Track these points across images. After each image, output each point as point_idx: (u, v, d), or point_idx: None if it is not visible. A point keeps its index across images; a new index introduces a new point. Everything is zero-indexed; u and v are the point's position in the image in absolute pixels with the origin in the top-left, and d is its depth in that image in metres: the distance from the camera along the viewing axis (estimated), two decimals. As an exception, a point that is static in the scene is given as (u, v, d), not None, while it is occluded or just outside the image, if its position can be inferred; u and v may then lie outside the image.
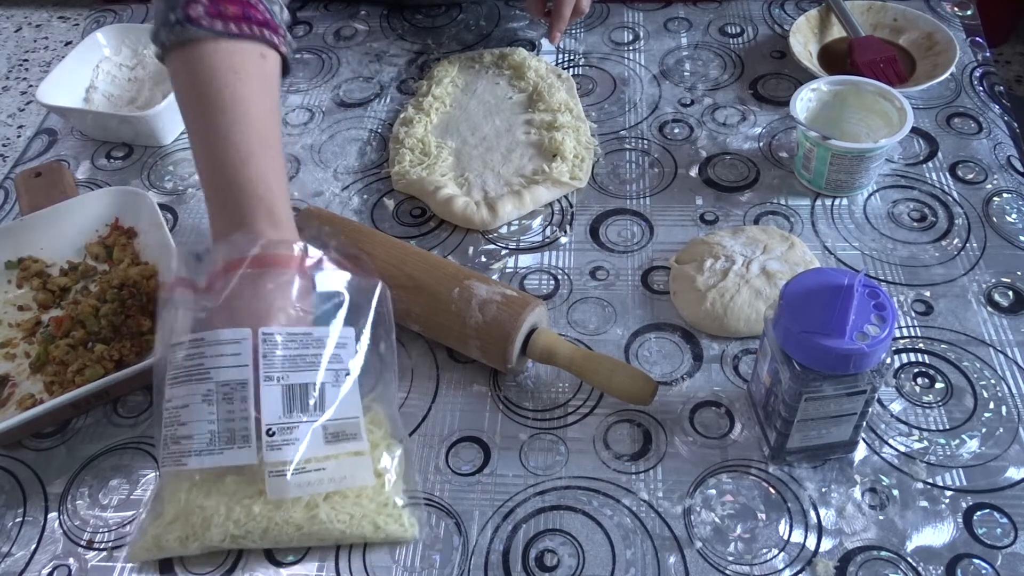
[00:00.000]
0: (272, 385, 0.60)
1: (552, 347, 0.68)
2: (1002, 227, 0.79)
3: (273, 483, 0.60)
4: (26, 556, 0.64)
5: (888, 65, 0.94)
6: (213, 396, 0.60)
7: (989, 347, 0.71)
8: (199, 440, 0.60)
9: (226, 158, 0.67)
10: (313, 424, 0.61)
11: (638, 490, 0.64)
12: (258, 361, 0.60)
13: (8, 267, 0.81)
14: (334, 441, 0.61)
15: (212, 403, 0.60)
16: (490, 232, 0.83)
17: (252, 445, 0.60)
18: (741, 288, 0.72)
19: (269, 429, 0.60)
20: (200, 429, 0.60)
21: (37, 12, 2.84)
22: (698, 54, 1.01)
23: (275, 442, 0.60)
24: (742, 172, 0.87)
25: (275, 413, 0.60)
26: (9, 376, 0.74)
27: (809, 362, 0.57)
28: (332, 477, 0.61)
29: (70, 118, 0.98)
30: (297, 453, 0.60)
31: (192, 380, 0.61)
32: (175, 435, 0.61)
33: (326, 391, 0.62)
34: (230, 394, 0.60)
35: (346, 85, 1.01)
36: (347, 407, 0.63)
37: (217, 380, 0.60)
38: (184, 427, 0.60)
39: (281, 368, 0.61)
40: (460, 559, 0.61)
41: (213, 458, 0.60)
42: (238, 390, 0.60)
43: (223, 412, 0.60)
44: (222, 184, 0.67)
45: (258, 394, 0.60)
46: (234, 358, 0.61)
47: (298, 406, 0.61)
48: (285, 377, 0.61)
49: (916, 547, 0.60)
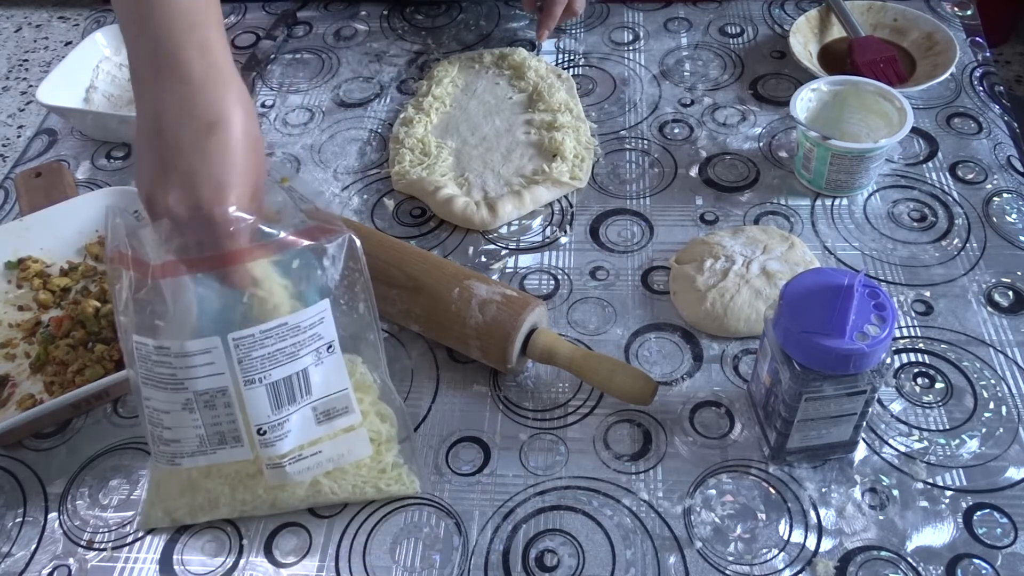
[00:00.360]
0: (255, 387, 0.58)
1: (552, 347, 0.68)
2: (1002, 227, 0.79)
3: (272, 474, 0.61)
4: (26, 556, 0.64)
5: (888, 65, 0.94)
6: (193, 404, 0.59)
7: (989, 347, 0.71)
8: (188, 444, 0.60)
9: (160, 25, 0.59)
10: (302, 408, 0.60)
11: (638, 490, 0.64)
12: (235, 366, 0.58)
13: (8, 267, 0.81)
14: (326, 420, 0.61)
15: (194, 411, 0.59)
16: (490, 232, 0.83)
17: (244, 444, 0.60)
18: (741, 288, 0.72)
19: (260, 428, 0.59)
20: (187, 434, 0.60)
21: (37, 12, 2.84)
22: (698, 54, 1.01)
23: (268, 439, 0.60)
24: (742, 172, 0.87)
25: (263, 413, 0.59)
26: (9, 376, 0.74)
27: (809, 362, 0.57)
28: (330, 457, 0.62)
29: (70, 118, 0.98)
30: (291, 444, 0.60)
31: (168, 388, 0.59)
32: (162, 437, 0.60)
33: (310, 373, 0.60)
34: (211, 401, 0.59)
35: (346, 85, 1.01)
36: (333, 381, 0.61)
37: (194, 390, 0.58)
38: (170, 431, 0.60)
39: (261, 368, 0.58)
40: (460, 559, 0.61)
41: (207, 458, 0.60)
42: (219, 397, 0.59)
43: (208, 417, 0.59)
44: (148, 33, 0.59)
45: (241, 398, 0.58)
46: (207, 367, 0.58)
47: (285, 399, 0.59)
48: (267, 376, 0.58)
49: (916, 547, 0.60)
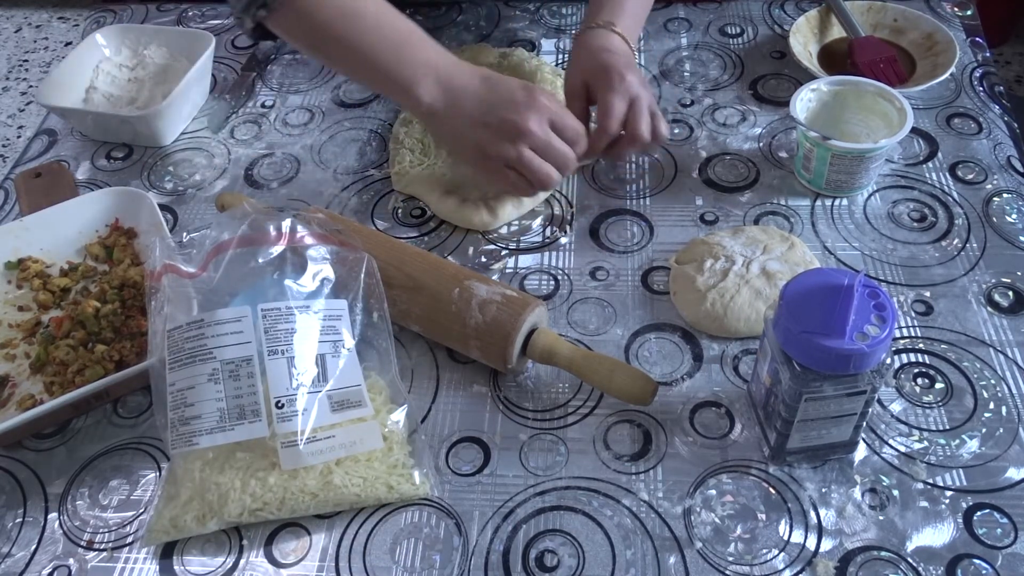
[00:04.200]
0: (277, 358, 0.63)
1: (552, 347, 0.68)
2: (1002, 227, 0.79)
3: (286, 454, 0.61)
4: (26, 556, 0.64)
5: (888, 65, 0.94)
6: (219, 375, 0.62)
7: (989, 347, 0.71)
8: (208, 419, 0.61)
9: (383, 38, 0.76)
10: (319, 394, 0.63)
11: (638, 490, 0.64)
12: (261, 336, 0.63)
13: (8, 267, 0.81)
14: (340, 409, 0.64)
15: (219, 381, 0.62)
16: (490, 232, 0.83)
17: (263, 419, 0.61)
18: (741, 288, 0.72)
19: (278, 401, 0.62)
20: (209, 408, 0.62)
21: (37, 12, 2.84)
22: (698, 54, 1.01)
23: (285, 413, 0.62)
24: (742, 172, 0.87)
25: (283, 385, 0.62)
26: (9, 376, 0.74)
27: (809, 362, 0.57)
28: (342, 443, 0.63)
29: (70, 119, 0.98)
30: (307, 423, 0.62)
31: (196, 361, 0.63)
32: (183, 416, 0.62)
33: (327, 361, 0.65)
34: (236, 371, 0.62)
35: (346, 85, 1.01)
36: (348, 376, 0.65)
37: (222, 359, 0.62)
38: (192, 408, 0.62)
39: (284, 341, 0.63)
40: (460, 559, 0.61)
41: (225, 435, 0.61)
42: (243, 366, 0.62)
43: (231, 389, 0.62)
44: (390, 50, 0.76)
45: (264, 368, 0.62)
46: (236, 336, 0.63)
47: (303, 377, 0.63)
48: (288, 350, 0.63)
49: (916, 547, 0.60)
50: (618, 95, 0.77)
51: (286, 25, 0.79)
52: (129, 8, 1.15)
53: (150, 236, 0.82)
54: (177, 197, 0.90)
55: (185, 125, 0.98)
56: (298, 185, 0.90)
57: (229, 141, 0.96)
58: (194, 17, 1.14)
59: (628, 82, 0.78)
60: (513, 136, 0.74)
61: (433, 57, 0.77)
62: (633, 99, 0.78)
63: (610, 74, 0.78)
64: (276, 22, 0.78)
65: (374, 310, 0.69)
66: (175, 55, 1.00)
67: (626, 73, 0.78)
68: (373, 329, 0.69)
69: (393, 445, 0.65)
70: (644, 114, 0.78)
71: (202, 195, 0.90)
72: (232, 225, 0.69)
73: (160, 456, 0.69)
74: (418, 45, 0.77)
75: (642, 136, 0.78)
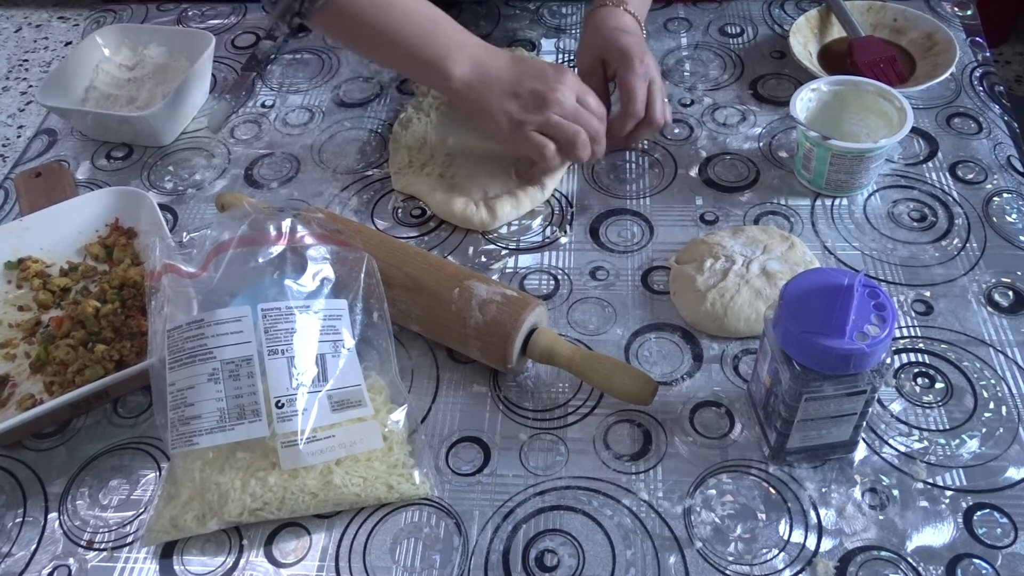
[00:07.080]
0: (277, 358, 0.63)
1: (552, 347, 0.68)
2: (1002, 227, 0.79)
3: (286, 454, 0.61)
4: (26, 556, 0.64)
5: (888, 65, 0.94)
6: (219, 375, 0.62)
7: (989, 347, 0.71)
8: (208, 419, 0.61)
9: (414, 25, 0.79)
10: (318, 394, 0.63)
11: (638, 490, 0.64)
12: (261, 336, 0.63)
13: (8, 267, 0.81)
14: (340, 409, 0.64)
15: (219, 381, 0.62)
16: (490, 232, 0.83)
17: (263, 418, 0.62)
18: (741, 288, 0.72)
19: (278, 401, 0.62)
20: (208, 408, 0.62)
21: (37, 12, 2.84)
22: (698, 54, 1.01)
23: (285, 413, 0.62)
24: (742, 172, 0.87)
25: (283, 385, 0.62)
26: (9, 376, 0.74)
27: (809, 362, 0.57)
28: (342, 443, 0.63)
29: (70, 118, 0.98)
30: (307, 422, 0.62)
31: (196, 361, 0.63)
32: (183, 416, 0.62)
33: (327, 361, 0.65)
34: (236, 371, 0.62)
35: (346, 85, 1.01)
36: (348, 376, 0.65)
37: (221, 359, 0.62)
38: (192, 407, 0.62)
39: (284, 341, 0.64)
40: (460, 559, 0.61)
41: (225, 434, 0.61)
42: (243, 366, 0.62)
43: (231, 389, 0.62)
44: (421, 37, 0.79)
45: (264, 368, 0.62)
46: (236, 336, 0.63)
47: (303, 377, 0.63)
48: (288, 350, 0.63)
49: (916, 547, 0.60)
50: (640, 79, 0.80)
51: (323, 24, 0.82)
52: (129, 8, 1.15)
53: (150, 236, 0.82)
54: (177, 197, 0.90)
55: (185, 125, 0.98)
56: (298, 185, 0.90)
57: (229, 141, 0.96)
58: (194, 17, 1.14)
59: (647, 65, 0.81)
60: (542, 104, 0.76)
61: (463, 38, 0.80)
62: (651, 82, 0.80)
63: (631, 57, 0.80)
64: (312, 24, 0.82)
65: (374, 310, 0.69)
66: (175, 55, 1.00)
67: (644, 56, 0.81)
68: (373, 329, 0.69)
69: (393, 445, 0.65)
70: (660, 98, 0.81)
71: (202, 195, 0.90)
72: (232, 225, 0.69)
73: (160, 456, 0.69)
74: (448, 27, 0.80)
75: (658, 120, 0.81)
